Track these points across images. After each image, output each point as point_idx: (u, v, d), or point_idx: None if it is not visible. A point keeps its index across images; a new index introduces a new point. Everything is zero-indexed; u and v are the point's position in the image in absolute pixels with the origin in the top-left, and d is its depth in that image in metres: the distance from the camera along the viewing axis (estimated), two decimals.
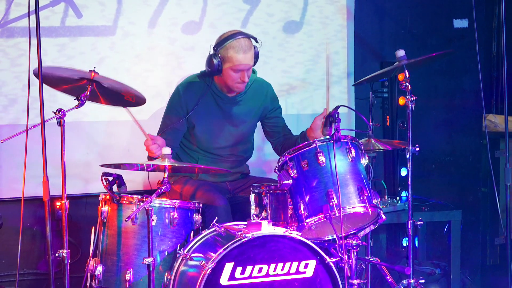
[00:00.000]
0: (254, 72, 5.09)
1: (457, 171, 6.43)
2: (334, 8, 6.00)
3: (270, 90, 5.20)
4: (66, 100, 4.41)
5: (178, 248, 4.36)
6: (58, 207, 4.15)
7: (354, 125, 5.99)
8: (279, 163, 4.37)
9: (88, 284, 4.38)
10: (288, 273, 4.09)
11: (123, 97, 4.40)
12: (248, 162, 5.28)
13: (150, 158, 4.71)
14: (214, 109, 5.01)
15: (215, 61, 4.79)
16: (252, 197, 4.47)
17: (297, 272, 4.10)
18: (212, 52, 4.83)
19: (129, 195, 4.38)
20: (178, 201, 4.41)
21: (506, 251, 4.94)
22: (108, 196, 4.41)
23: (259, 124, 5.22)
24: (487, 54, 6.75)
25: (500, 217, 5.57)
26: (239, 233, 4.06)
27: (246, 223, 4.29)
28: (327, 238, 4.48)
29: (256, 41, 4.88)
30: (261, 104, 5.13)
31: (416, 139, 4.75)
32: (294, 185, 4.28)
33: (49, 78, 4.19)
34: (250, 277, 4.03)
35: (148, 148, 4.68)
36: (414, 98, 4.69)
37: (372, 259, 4.99)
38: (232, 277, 4.00)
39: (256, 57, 4.88)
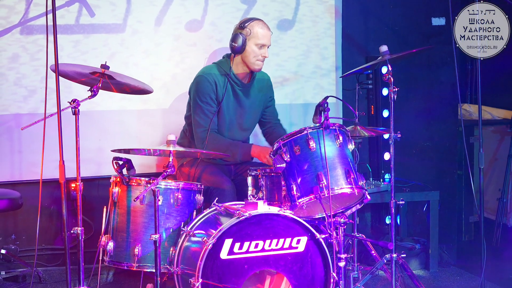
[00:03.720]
0: None
1: (435, 156, 6.42)
2: (323, 8, 5.99)
3: (269, 81, 5.22)
4: (81, 91, 4.41)
5: (182, 226, 4.37)
6: (73, 188, 4.13)
7: (342, 114, 6.00)
8: (274, 148, 4.38)
9: (100, 258, 4.39)
10: (282, 248, 4.09)
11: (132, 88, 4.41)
12: None
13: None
14: (231, 95, 4.95)
15: (241, 36, 4.81)
16: (249, 179, 4.48)
17: (290, 247, 4.10)
18: (238, 31, 4.85)
19: (138, 178, 4.38)
20: (182, 182, 4.41)
21: (479, 228, 4.95)
22: (118, 179, 4.41)
23: None
24: None
25: (474, 197, 5.59)
26: (237, 212, 4.06)
27: (243, 203, 4.29)
28: (317, 216, 4.48)
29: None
30: (265, 92, 5.14)
31: (398, 126, 4.75)
32: (287, 168, 4.28)
33: (64, 73, 4.20)
34: (247, 252, 4.03)
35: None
36: (396, 89, 4.69)
37: (358, 235, 5.01)
38: (231, 252, 4.00)
39: None
